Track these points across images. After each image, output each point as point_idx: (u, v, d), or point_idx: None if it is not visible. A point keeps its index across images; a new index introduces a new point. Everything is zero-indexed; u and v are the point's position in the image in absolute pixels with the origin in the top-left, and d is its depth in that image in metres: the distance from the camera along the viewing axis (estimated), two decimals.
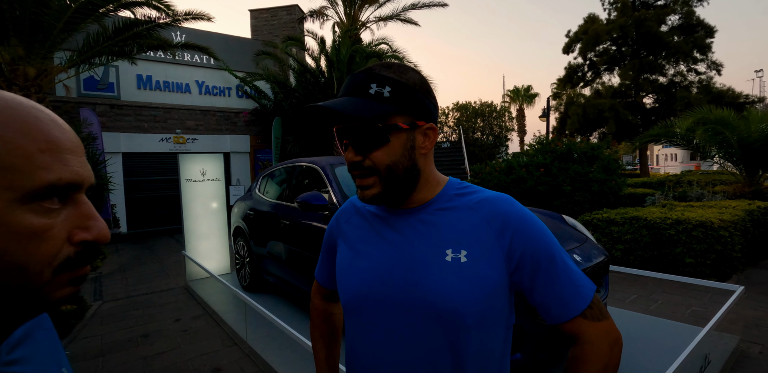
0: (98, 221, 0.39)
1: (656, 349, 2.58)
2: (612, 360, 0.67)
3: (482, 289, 0.66)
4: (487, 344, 0.68)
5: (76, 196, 0.38)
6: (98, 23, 5.71)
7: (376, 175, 0.68)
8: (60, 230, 0.37)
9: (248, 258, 4.10)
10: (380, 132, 0.66)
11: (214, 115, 10.11)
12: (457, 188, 0.75)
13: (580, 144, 6.17)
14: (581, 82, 17.72)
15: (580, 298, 0.67)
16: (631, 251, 4.69)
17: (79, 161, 0.38)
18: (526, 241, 0.68)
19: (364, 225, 0.78)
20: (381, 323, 0.70)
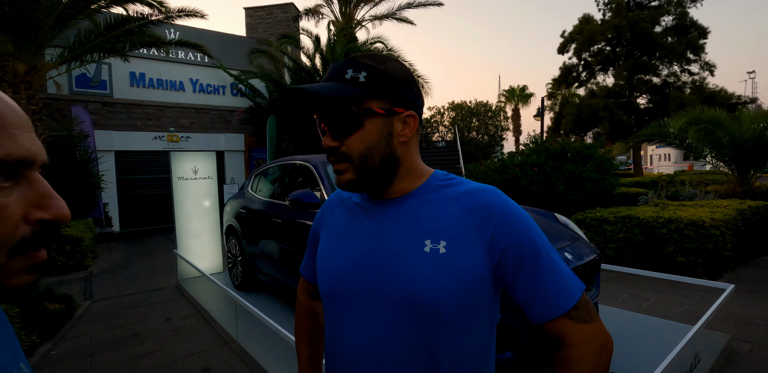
0: (56, 200, 0.37)
1: (647, 347, 2.59)
2: (599, 365, 0.63)
3: (461, 281, 0.64)
4: (465, 340, 0.66)
5: (28, 173, 0.37)
6: (90, 20, 5.64)
7: (349, 161, 0.68)
8: (14, 210, 0.35)
9: (240, 257, 4.07)
10: (354, 116, 0.66)
11: (209, 113, 10.05)
12: (442, 179, 0.74)
13: (574, 143, 6.19)
14: (576, 82, 17.80)
15: (565, 296, 0.64)
16: (623, 250, 4.71)
17: (28, 137, 0.37)
18: (509, 234, 0.65)
19: (346, 215, 0.77)
20: (357, 313, 0.68)
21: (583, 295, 0.66)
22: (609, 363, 0.65)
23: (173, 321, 3.57)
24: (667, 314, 3.38)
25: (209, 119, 10.05)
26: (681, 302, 3.72)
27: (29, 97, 5.26)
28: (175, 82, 9.63)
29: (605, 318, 3.02)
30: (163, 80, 9.45)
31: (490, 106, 15.69)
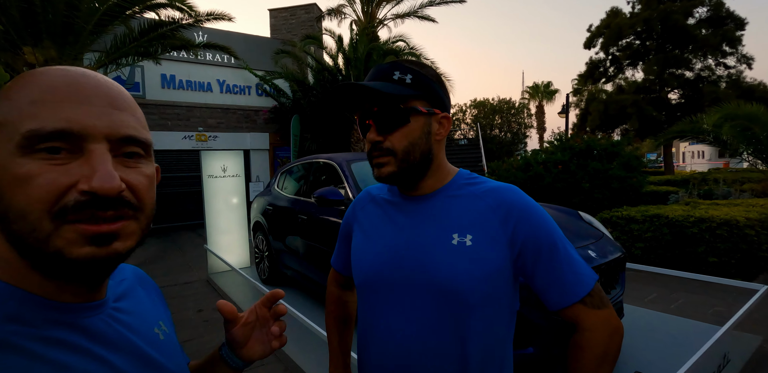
0: (102, 172, 0.37)
1: (673, 347, 2.55)
2: (611, 348, 0.69)
3: (485, 271, 0.70)
4: (489, 323, 0.72)
5: (88, 146, 0.38)
6: (125, 25, 5.91)
7: (392, 155, 0.73)
8: (58, 177, 0.36)
9: (267, 252, 4.21)
10: (402, 113, 0.72)
11: (235, 113, 10.33)
12: (466, 178, 0.80)
13: (600, 141, 6.07)
14: (603, 77, 17.30)
15: (580, 285, 0.70)
16: (651, 250, 4.60)
17: (83, 110, 0.38)
18: (528, 228, 0.71)
19: (378, 211, 0.83)
20: (391, 301, 0.75)
21: (596, 284, 0.72)
22: (620, 346, 0.71)
23: (204, 313, 3.73)
24: (697, 315, 3.30)
25: (235, 119, 10.33)
26: (712, 303, 3.62)
27: None
28: (203, 83, 9.94)
29: (630, 317, 2.99)
30: (192, 81, 9.76)
31: (513, 103, 15.46)
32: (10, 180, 0.36)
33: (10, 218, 0.36)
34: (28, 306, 0.38)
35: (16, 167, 0.36)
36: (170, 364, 0.50)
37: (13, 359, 0.35)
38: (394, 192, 0.83)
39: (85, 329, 0.41)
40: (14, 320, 0.37)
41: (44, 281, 0.40)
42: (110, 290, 0.48)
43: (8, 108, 0.37)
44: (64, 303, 0.41)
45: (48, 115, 0.37)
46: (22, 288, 0.39)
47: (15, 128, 0.37)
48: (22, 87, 0.38)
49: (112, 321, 0.45)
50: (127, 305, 0.49)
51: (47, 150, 0.36)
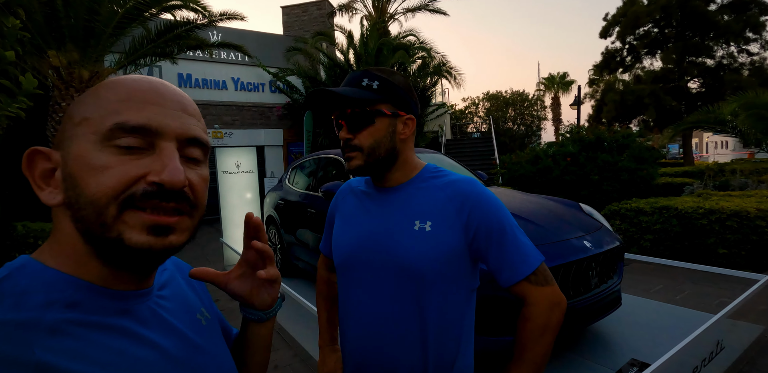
0: (169, 167, 0.40)
1: (669, 335, 2.60)
2: (552, 319, 0.79)
3: (442, 252, 0.81)
4: (445, 299, 0.83)
5: (159, 143, 0.42)
6: (142, 26, 6.12)
7: (359, 151, 0.84)
8: (131, 169, 0.40)
9: (279, 245, 4.38)
10: (368, 114, 0.83)
11: (249, 110, 10.55)
12: (432, 171, 0.91)
13: (610, 133, 6.03)
14: (620, 67, 16.88)
15: (525, 265, 0.80)
16: (660, 242, 4.60)
17: (161, 111, 0.42)
18: (481, 215, 0.82)
19: (355, 201, 0.95)
20: (363, 279, 0.87)
21: (542, 264, 0.82)
22: (561, 319, 0.80)
23: (221, 303, 3.93)
24: (701, 306, 3.32)
25: (250, 116, 10.55)
26: (718, 295, 3.63)
27: None
28: (219, 81, 10.17)
29: (630, 307, 3.04)
30: (208, 80, 10.00)
31: (526, 95, 15.29)
32: (87, 169, 0.39)
33: (81, 204, 0.39)
34: (85, 293, 0.40)
35: (95, 158, 0.39)
36: (213, 348, 0.52)
37: (71, 343, 0.37)
38: (369, 184, 0.95)
39: (136, 315, 0.44)
40: (72, 306, 0.39)
41: (101, 270, 0.42)
42: (155, 279, 0.50)
43: (96, 105, 0.41)
44: (117, 291, 0.43)
45: (132, 112, 0.41)
46: (80, 277, 0.41)
47: (101, 122, 0.40)
48: (110, 88, 0.42)
49: (157, 308, 0.47)
50: (170, 292, 0.52)
51: (126, 145, 0.40)
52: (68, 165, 0.41)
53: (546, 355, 0.79)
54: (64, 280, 0.40)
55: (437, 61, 10.81)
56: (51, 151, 0.42)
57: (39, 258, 0.42)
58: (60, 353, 0.36)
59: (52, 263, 0.41)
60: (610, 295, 2.42)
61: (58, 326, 0.37)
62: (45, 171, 0.41)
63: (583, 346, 2.50)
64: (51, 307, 0.38)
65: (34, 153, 0.41)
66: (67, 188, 0.41)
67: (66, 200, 0.41)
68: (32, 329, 0.36)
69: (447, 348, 0.83)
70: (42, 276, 0.40)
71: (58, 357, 0.35)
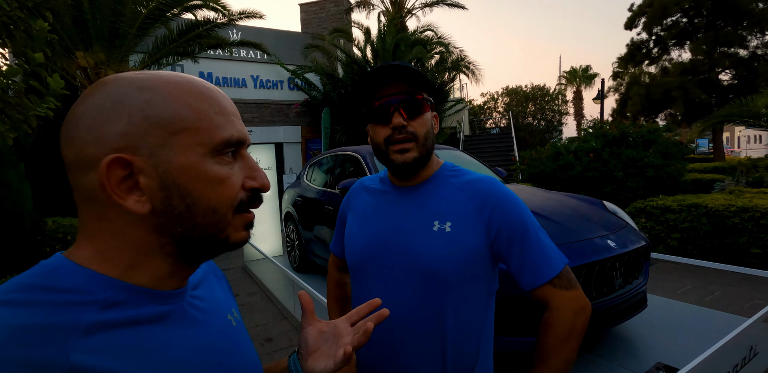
0: (261, 172, 0.47)
1: (698, 338, 2.51)
2: (577, 325, 0.75)
3: (462, 254, 0.78)
4: (466, 302, 0.80)
5: (242, 151, 0.46)
6: (165, 26, 6.25)
7: (415, 141, 0.80)
8: (236, 178, 0.45)
9: (298, 241, 4.42)
10: (421, 101, 0.80)
11: (268, 107, 10.66)
12: (450, 170, 0.88)
13: (636, 127, 5.83)
14: (646, 59, 16.28)
15: (549, 268, 0.77)
16: (688, 240, 4.43)
17: (240, 123, 0.47)
18: (502, 216, 0.79)
19: (369, 200, 0.93)
20: (378, 281, 0.84)
21: (565, 267, 0.78)
22: (586, 324, 0.77)
23: (240, 297, 4.00)
24: (732, 309, 3.19)
25: (269, 113, 10.67)
26: (750, 297, 3.47)
27: None
28: (238, 79, 10.31)
29: (656, 308, 2.94)
30: (228, 78, 10.15)
31: (547, 89, 14.94)
32: (203, 180, 0.42)
33: (198, 211, 0.42)
34: (123, 294, 0.41)
35: (210, 171, 0.42)
36: (242, 349, 0.53)
37: (106, 343, 0.37)
38: (385, 182, 0.92)
39: (171, 314, 0.45)
40: (110, 306, 0.39)
41: (158, 271, 0.44)
42: (189, 279, 0.51)
43: (195, 116, 0.42)
44: (157, 291, 0.44)
45: (230, 126, 0.44)
46: (119, 279, 0.42)
47: (209, 135, 0.42)
48: (199, 99, 0.43)
49: (190, 308, 0.48)
50: (203, 293, 0.53)
51: (228, 154, 0.44)
52: (171, 175, 0.41)
53: (570, 361, 0.76)
54: (103, 281, 0.40)
55: (455, 56, 10.67)
56: (132, 158, 0.39)
57: (73, 258, 0.41)
58: (95, 354, 0.36)
59: (90, 264, 0.41)
60: (635, 296, 2.34)
61: (94, 328, 0.37)
62: (120, 178, 0.39)
63: (607, 348, 2.43)
64: (88, 308, 0.38)
65: (118, 161, 0.39)
66: (168, 197, 0.41)
67: (162, 208, 0.41)
68: (68, 332, 0.35)
69: (467, 353, 0.81)
70: (78, 276, 0.40)
71: (93, 358, 0.36)
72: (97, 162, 0.39)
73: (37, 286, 0.38)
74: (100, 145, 0.39)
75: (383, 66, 0.78)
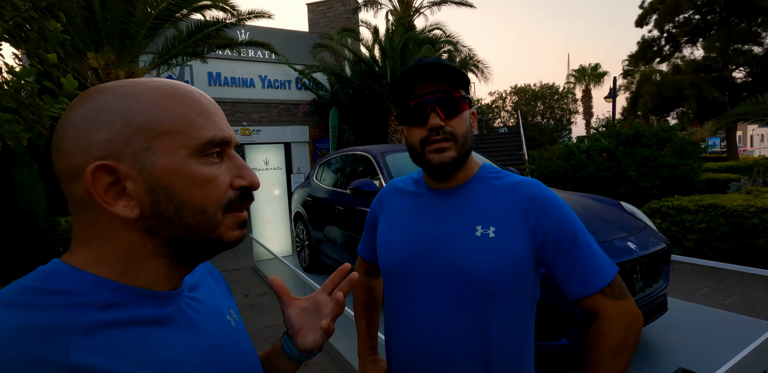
0: (249, 170, 0.47)
1: (720, 343, 2.44)
2: (630, 337, 0.71)
3: (507, 261, 0.73)
4: (511, 311, 0.76)
5: (228, 151, 0.47)
6: (174, 27, 6.27)
7: (453, 140, 0.76)
8: (223, 178, 0.45)
9: (307, 241, 4.41)
10: (459, 100, 0.76)
11: (276, 107, 10.68)
12: (490, 171, 0.84)
13: (650, 126, 5.73)
14: (657, 57, 16.04)
15: (600, 276, 0.72)
16: (705, 242, 4.34)
17: (225, 123, 0.47)
18: (550, 220, 0.74)
19: (404, 203, 0.88)
20: (416, 289, 0.80)
21: (617, 276, 0.74)
22: (639, 335, 0.72)
23: (251, 297, 3.99)
24: (753, 312, 3.11)
25: (277, 113, 10.68)
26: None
27: None
28: (246, 79, 10.34)
29: (676, 312, 2.88)
30: (236, 78, 10.18)
31: (556, 88, 14.79)
32: (189, 182, 0.42)
33: (186, 213, 0.43)
34: (121, 295, 0.42)
35: (195, 171, 0.43)
36: (241, 350, 0.53)
37: (105, 343, 0.38)
38: (420, 185, 0.87)
39: (168, 315, 0.45)
40: (108, 307, 0.40)
41: (154, 273, 0.45)
42: (185, 281, 0.52)
43: (175, 118, 0.42)
44: (154, 292, 0.45)
45: (213, 126, 0.44)
46: (116, 281, 0.43)
47: (190, 137, 0.43)
48: (179, 102, 0.43)
49: (188, 309, 0.48)
50: (201, 294, 0.53)
51: (213, 155, 0.44)
52: (156, 178, 0.41)
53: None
54: (101, 283, 0.41)
55: (464, 55, 10.60)
56: (116, 164, 0.40)
57: (70, 262, 0.42)
58: (95, 353, 0.37)
59: (87, 268, 0.42)
60: (655, 300, 2.28)
61: (93, 327, 0.38)
62: (108, 185, 0.41)
63: None
64: (87, 309, 0.39)
65: (101, 168, 0.40)
66: (156, 200, 0.42)
67: (151, 211, 0.42)
68: (68, 332, 0.36)
69: (510, 365, 0.77)
70: (76, 279, 0.41)
71: (94, 357, 0.36)
72: (83, 171, 0.40)
73: (37, 289, 0.39)
74: (86, 154, 0.40)
75: (417, 64, 0.74)
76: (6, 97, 1.90)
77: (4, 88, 1.88)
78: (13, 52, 2.19)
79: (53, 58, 1.94)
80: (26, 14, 1.83)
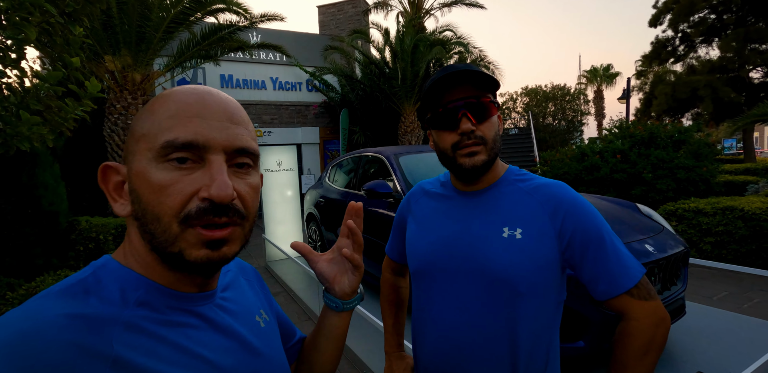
0: (216, 181, 0.41)
1: (740, 348, 2.40)
2: (657, 337, 0.71)
3: (534, 262, 0.75)
4: (537, 310, 0.77)
5: (209, 157, 0.42)
6: (188, 30, 6.37)
7: (484, 144, 0.78)
8: (185, 186, 0.40)
9: (320, 242, 4.43)
10: (492, 103, 0.78)
11: (287, 109, 10.76)
12: (516, 174, 0.85)
13: (666, 127, 5.65)
14: (671, 57, 15.81)
15: (627, 277, 0.73)
16: (723, 245, 4.27)
17: (208, 124, 0.42)
18: (576, 222, 0.75)
19: (432, 204, 0.90)
20: (444, 287, 0.82)
21: (644, 277, 0.74)
22: (666, 336, 0.73)
23: None
24: None
25: (288, 114, 10.76)
26: None
27: (144, 102, 6.13)
28: (258, 81, 10.43)
29: (694, 316, 2.84)
30: (248, 80, 10.29)
31: (568, 89, 14.66)
32: (147, 186, 0.41)
33: (147, 218, 0.42)
34: (155, 294, 0.43)
35: (153, 176, 0.41)
36: (269, 351, 0.53)
37: (143, 340, 0.39)
38: (447, 187, 0.89)
39: (200, 316, 0.46)
40: (143, 304, 0.42)
41: (168, 273, 0.45)
42: (218, 281, 0.52)
43: (150, 122, 0.43)
44: (183, 292, 0.45)
45: (181, 128, 0.41)
46: (150, 279, 0.44)
47: (155, 139, 0.41)
48: (162, 103, 0.43)
49: (219, 310, 0.49)
50: (232, 295, 0.53)
51: (177, 160, 0.41)
52: (132, 180, 0.43)
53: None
54: (137, 279, 0.43)
55: (475, 56, 10.57)
56: (119, 166, 0.45)
57: (116, 258, 0.45)
58: (134, 349, 0.38)
59: (128, 264, 0.45)
60: (673, 303, 2.26)
61: (133, 323, 0.40)
62: (116, 184, 0.45)
63: None
64: (126, 304, 0.41)
65: (106, 168, 0.45)
66: (133, 202, 0.43)
67: (133, 212, 0.44)
68: (112, 324, 0.38)
69: (536, 364, 0.78)
70: (119, 275, 0.43)
71: (133, 353, 0.38)
72: None
73: (87, 282, 0.42)
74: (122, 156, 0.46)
75: (448, 72, 0.75)
76: (33, 100, 1.96)
77: (31, 92, 1.94)
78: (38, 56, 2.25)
79: (77, 61, 1.99)
80: (52, 20, 1.89)
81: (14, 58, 1.78)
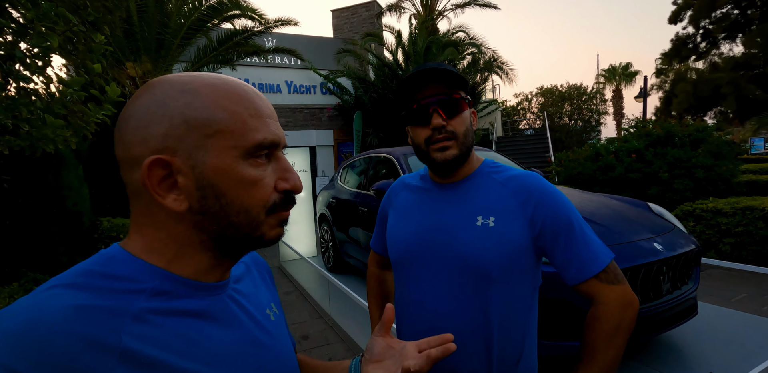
0: (293, 174, 0.47)
1: (754, 349, 2.35)
2: (625, 320, 0.74)
3: (506, 248, 0.78)
4: (510, 295, 0.80)
5: (276, 153, 0.47)
6: (206, 36, 6.56)
7: (455, 139, 0.82)
8: (269, 181, 0.45)
9: (332, 242, 4.50)
10: (459, 101, 0.82)
11: (302, 112, 10.92)
12: (491, 166, 0.89)
13: (682, 126, 5.53)
14: (692, 54, 15.41)
15: (595, 262, 0.76)
16: (742, 246, 4.15)
17: (275, 125, 0.47)
18: (547, 210, 0.79)
19: (411, 197, 0.94)
20: (422, 275, 0.86)
21: (612, 262, 0.77)
22: (634, 320, 0.75)
23: (293, 295, 4.11)
24: None
25: (302, 117, 10.92)
26: None
27: None
28: (273, 85, 10.62)
29: (708, 316, 2.78)
30: (264, 84, 10.48)
31: (584, 89, 14.43)
32: (236, 182, 0.43)
33: (232, 211, 0.44)
34: (170, 284, 0.44)
35: (243, 173, 0.43)
36: (278, 345, 0.53)
37: (153, 331, 0.40)
38: (426, 180, 0.94)
39: (212, 306, 0.47)
40: (156, 295, 0.42)
41: (201, 263, 0.46)
42: (231, 272, 0.53)
43: (229, 119, 0.43)
44: (200, 282, 0.46)
45: (265, 129, 0.45)
46: (168, 270, 0.45)
47: (242, 138, 0.43)
48: (235, 102, 0.44)
49: (230, 301, 0.49)
50: (244, 286, 0.54)
51: (261, 156, 0.45)
52: (206, 176, 0.42)
53: (617, 358, 0.75)
54: (152, 270, 0.43)
55: (488, 57, 10.53)
56: (171, 159, 0.42)
57: (127, 248, 0.45)
58: (143, 340, 0.38)
59: (141, 255, 0.44)
60: (684, 302, 2.22)
61: (142, 314, 0.40)
62: (161, 177, 0.42)
63: (654, 357, 2.32)
64: (138, 295, 0.41)
65: (158, 161, 0.41)
66: (204, 197, 0.43)
67: (198, 207, 0.43)
68: (120, 315, 0.38)
69: (511, 348, 0.81)
70: (131, 266, 0.43)
71: (142, 344, 0.38)
72: (141, 161, 0.41)
73: (97, 272, 0.41)
74: (144, 145, 0.42)
75: (418, 70, 0.80)
76: (57, 105, 2.07)
77: (56, 97, 2.06)
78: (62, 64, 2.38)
79: (98, 68, 2.10)
80: (75, 28, 2.00)
81: (40, 65, 1.89)
